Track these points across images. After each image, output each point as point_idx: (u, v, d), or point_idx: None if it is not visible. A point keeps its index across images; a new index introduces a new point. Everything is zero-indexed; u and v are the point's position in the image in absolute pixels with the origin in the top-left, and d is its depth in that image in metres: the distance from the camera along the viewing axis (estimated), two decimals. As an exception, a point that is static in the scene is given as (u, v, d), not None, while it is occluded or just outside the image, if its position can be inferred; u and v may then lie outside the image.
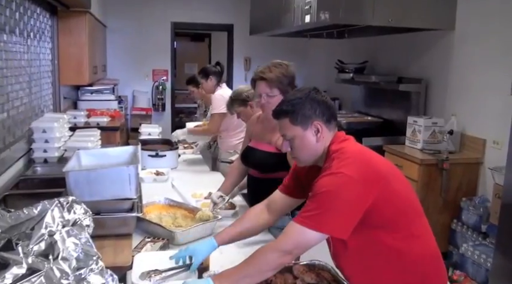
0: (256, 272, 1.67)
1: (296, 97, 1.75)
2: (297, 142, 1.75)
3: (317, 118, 1.73)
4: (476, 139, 4.07)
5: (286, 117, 1.74)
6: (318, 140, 1.74)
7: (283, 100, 1.82)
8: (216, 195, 2.68)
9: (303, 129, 1.73)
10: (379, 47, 5.86)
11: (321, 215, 1.59)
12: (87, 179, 2.09)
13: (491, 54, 3.97)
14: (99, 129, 4.26)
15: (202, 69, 4.58)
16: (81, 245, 1.39)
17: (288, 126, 1.75)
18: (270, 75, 2.50)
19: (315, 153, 1.77)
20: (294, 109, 1.72)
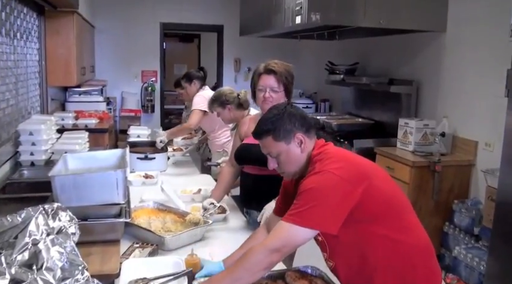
0: (247, 274, 1.67)
1: (274, 115, 1.80)
2: (283, 157, 1.80)
3: (298, 130, 1.79)
4: (468, 141, 4.06)
5: (269, 135, 1.78)
6: (302, 151, 1.80)
7: (261, 120, 1.85)
8: (207, 201, 2.63)
9: (287, 143, 1.78)
10: (370, 49, 5.84)
11: (307, 211, 1.63)
12: (73, 184, 2.03)
13: (483, 56, 3.96)
14: (88, 131, 4.20)
15: (186, 74, 4.64)
16: (66, 254, 1.34)
17: (272, 144, 1.79)
18: (280, 69, 2.50)
19: (301, 163, 1.82)
20: (275, 126, 1.77)
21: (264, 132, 1.80)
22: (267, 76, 2.51)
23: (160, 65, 7.85)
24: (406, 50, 5.06)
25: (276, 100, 2.50)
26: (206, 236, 2.47)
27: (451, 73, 4.38)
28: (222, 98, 3.34)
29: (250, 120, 2.81)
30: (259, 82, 2.54)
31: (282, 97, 2.54)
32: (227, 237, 2.51)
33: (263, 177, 2.56)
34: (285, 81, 2.51)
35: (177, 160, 4.33)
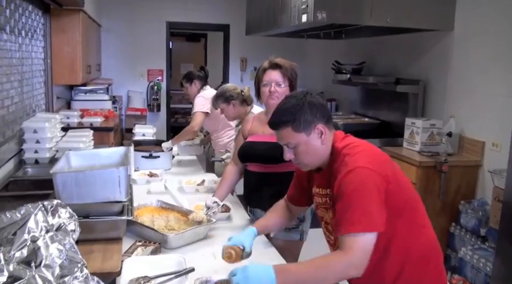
0: (322, 278, 1.61)
1: (293, 104, 1.73)
2: (301, 149, 1.74)
3: (319, 121, 1.73)
4: (475, 142, 4.02)
5: (288, 126, 1.71)
6: (322, 142, 1.74)
7: (279, 109, 1.77)
8: (211, 200, 2.62)
9: (307, 134, 1.72)
10: (376, 48, 5.80)
11: (366, 213, 1.58)
12: (75, 181, 2.02)
13: (491, 55, 3.92)
14: (93, 129, 4.20)
15: (186, 74, 4.59)
16: (66, 252, 1.32)
17: (291, 135, 1.72)
18: (285, 64, 2.51)
19: (321, 155, 1.77)
20: (294, 117, 1.70)
21: (283, 122, 1.72)
22: (272, 71, 2.51)
23: (166, 64, 7.84)
24: (413, 49, 5.02)
25: (281, 95, 2.49)
26: (209, 234, 2.45)
27: (458, 72, 4.33)
28: (227, 94, 3.35)
29: (254, 118, 2.79)
30: (264, 77, 2.53)
31: (287, 92, 2.53)
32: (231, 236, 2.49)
33: (267, 175, 2.55)
34: (289, 76, 2.52)
35: (181, 159, 4.32)
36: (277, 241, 2.48)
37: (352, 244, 1.57)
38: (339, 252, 1.60)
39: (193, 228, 2.35)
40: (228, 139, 4.27)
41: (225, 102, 3.37)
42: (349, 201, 1.60)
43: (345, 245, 1.58)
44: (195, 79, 4.46)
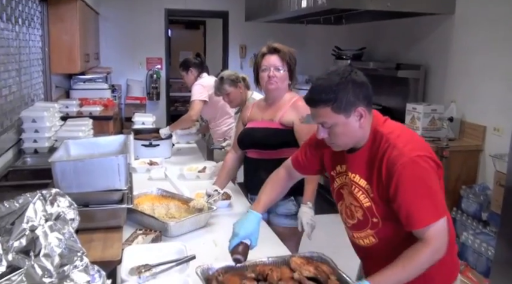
0: (413, 274, 1.58)
1: (337, 83, 1.58)
2: (338, 130, 1.63)
3: (361, 103, 1.61)
4: (476, 126, 3.99)
5: (328, 106, 1.59)
6: (360, 126, 1.64)
7: (319, 85, 1.62)
8: (211, 188, 2.61)
9: (346, 116, 1.61)
10: (377, 33, 5.76)
11: (434, 202, 1.57)
12: (74, 169, 2.00)
13: (492, 38, 3.88)
14: (92, 118, 4.18)
15: (182, 62, 4.52)
16: (65, 241, 1.30)
17: (329, 115, 1.60)
18: (284, 49, 2.49)
19: (357, 138, 1.68)
20: (336, 96, 1.57)
21: (323, 101, 1.59)
22: (271, 55, 2.49)
23: (165, 52, 7.80)
24: (413, 34, 4.98)
25: (280, 80, 2.48)
26: (210, 222, 2.44)
27: (459, 57, 4.30)
28: (233, 76, 3.31)
29: (254, 105, 2.77)
30: (262, 62, 2.51)
31: (286, 78, 2.52)
32: (231, 223, 2.46)
33: (266, 161, 2.53)
34: (288, 61, 2.50)
35: (182, 147, 4.30)
36: (278, 228, 2.47)
37: (430, 234, 1.56)
38: (420, 245, 1.57)
39: (194, 216, 2.35)
40: (227, 128, 4.25)
41: (232, 84, 3.31)
42: (417, 193, 1.57)
43: (424, 237, 1.57)
44: (191, 67, 4.39)
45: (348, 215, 1.80)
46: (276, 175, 2.06)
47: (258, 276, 1.72)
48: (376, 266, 1.72)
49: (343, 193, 1.80)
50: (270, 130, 2.51)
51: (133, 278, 1.65)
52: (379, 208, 1.66)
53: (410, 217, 1.58)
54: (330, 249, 3.67)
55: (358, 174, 1.70)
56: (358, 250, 1.90)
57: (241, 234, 1.81)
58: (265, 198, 1.98)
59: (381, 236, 1.73)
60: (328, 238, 4.46)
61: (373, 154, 1.66)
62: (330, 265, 1.81)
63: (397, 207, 1.59)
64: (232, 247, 1.80)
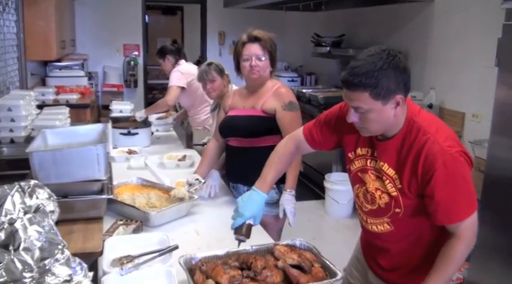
0: (454, 270, 1.63)
1: (379, 67, 1.48)
2: (372, 116, 1.55)
3: (400, 91, 1.53)
4: (455, 113, 4.04)
5: (366, 91, 1.49)
6: (395, 114, 1.56)
7: (360, 68, 1.49)
8: (192, 177, 2.58)
9: (383, 103, 1.52)
10: (356, 20, 5.76)
11: (470, 198, 1.59)
12: (53, 160, 1.95)
13: (471, 26, 3.91)
14: (69, 106, 4.10)
15: (159, 49, 4.44)
16: (45, 234, 1.27)
17: (366, 100, 1.51)
18: (264, 37, 2.45)
19: (390, 126, 1.61)
20: (377, 82, 1.48)
21: (362, 85, 1.49)
22: (251, 44, 2.45)
23: (142, 38, 7.67)
24: (393, 21, 4.99)
25: (262, 69, 2.46)
26: (192, 211, 2.43)
27: (438, 44, 4.32)
28: (221, 66, 3.27)
29: (235, 93, 2.74)
30: (243, 51, 2.47)
31: (268, 66, 2.49)
32: (213, 212, 2.47)
33: (247, 149, 2.52)
34: (269, 49, 2.47)
35: (161, 135, 4.25)
36: (261, 216, 2.46)
37: (464, 227, 1.58)
38: (455, 241, 1.60)
39: (176, 205, 2.33)
40: (205, 116, 4.20)
41: (219, 73, 3.26)
42: (454, 191, 1.56)
43: (458, 231, 1.59)
44: (168, 55, 4.33)
45: (368, 200, 1.74)
46: (284, 148, 1.96)
47: (242, 265, 1.71)
48: (383, 252, 1.79)
49: (364, 177, 1.75)
50: (252, 118, 2.49)
51: (116, 270, 1.62)
52: (405, 199, 1.63)
53: (448, 213, 1.58)
54: (310, 235, 3.73)
55: (387, 163, 1.65)
56: (367, 234, 1.88)
57: (247, 215, 1.80)
58: (271, 176, 1.91)
59: (396, 225, 1.71)
60: (308, 224, 4.50)
61: (408, 145, 1.60)
62: (313, 252, 1.82)
63: (433, 202, 1.57)
64: (236, 227, 1.80)
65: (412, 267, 1.75)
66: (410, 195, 1.61)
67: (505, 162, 2.52)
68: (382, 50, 1.53)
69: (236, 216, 1.82)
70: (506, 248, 2.56)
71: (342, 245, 2.44)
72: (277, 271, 1.67)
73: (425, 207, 1.61)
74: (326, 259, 1.76)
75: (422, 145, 1.55)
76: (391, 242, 1.76)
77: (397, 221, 1.69)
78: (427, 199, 1.58)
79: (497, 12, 3.14)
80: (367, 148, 1.73)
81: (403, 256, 1.76)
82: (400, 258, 1.77)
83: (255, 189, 1.87)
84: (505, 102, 2.50)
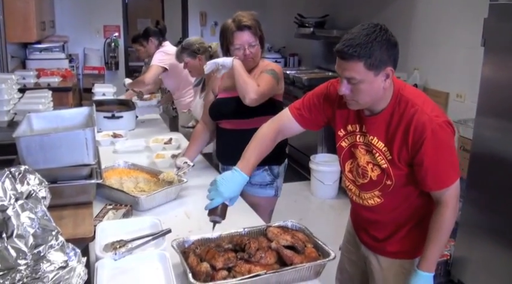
0: (446, 237, 1.75)
1: (373, 39, 1.54)
2: (363, 87, 1.60)
3: (391, 64, 1.60)
4: (439, 93, 4.06)
5: (361, 61, 1.55)
6: (384, 86, 1.63)
7: (354, 39, 1.55)
8: (181, 160, 2.56)
9: (375, 74, 1.58)
10: (339, 0, 5.73)
11: (455, 165, 1.70)
12: (40, 145, 1.91)
13: (454, 6, 3.92)
14: (50, 90, 4.01)
15: (143, 32, 4.43)
16: (38, 220, 1.25)
17: (360, 70, 1.57)
18: (252, 22, 2.41)
19: (378, 98, 1.67)
20: (371, 53, 1.54)
21: (357, 56, 1.54)
22: (242, 33, 2.40)
23: (123, 20, 7.55)
24: (377, 2, 4.98)
25: (256, 54, 2.47)
26: (181, 195, 2.42)
27: (422, 25, 4.33)
28: (194, 47, 3.22)
29: (224, 75, 2.69)
30: (234, 41, 2.41)
31: (259, 50, 2.48)
32: (202, 195, 2.42)
33: (239, 131, 2.50)
34: (259, 33, 2.45)
35: (145, 119, 4.21)
36: (252, 197, 2.46)
37: (449, 195, 1.69)
38: (442, 209, 1.70)
39: (165, 189, 2.31)
40: (190, 99, 4.13)
41: (190, 55, 3.24)
42: (442, 158, 1.65)
43: (444, 198, 1.70)
44: (151, 37, 4.32)
45: (359, 174, 1.81)
46: (267, 130, 1.97)
47: (236, 247, 1.72)
48: (375, 223, 1.89)
49: (355, 152, 1.81)
50: None
51: (109, 255, 1.61)
52: (395, 169, 1.70)
53: (436, 179, 1.68)
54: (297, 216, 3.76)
55: (376, 137, 1.72)
56: (358, 209, 1.94)
57: (226, 195, 1.78)
58: (254, 159, 1.90)
59: (386, 197, 1.79)
60: (295, 205, 4.53)
61: (397, 117, 1.67)
62: (305, 233, 1.85)
63: (423, 169, 1.66)
64: (212, 207, 1.77)
65: (404, 234, 1.85)
66: (400, 165, 1.69)
67: (490, 141, 2.55)
68: (375, 24, 1.59)
69: (215, 196, 1.78)
70: (491, 225, 2.62)
71: (329, 225, 2.48)
72: (271, 252, 1.68)
73: (414, 177, 1.70)
74: (318, 240, 1.79)
75: (411, 116, 1.63)
76: (383, 213, 1.84)
77: (387, 194, 1.77)
78: (417, 167, 1.67)
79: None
80: (356, 124, 1.79)
81: (394, 224, 1.85)
82: (392, 227, 1.86)
83: (238, 169, 1.84)
84: (491, 82, 2.52)
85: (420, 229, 1.80)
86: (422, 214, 1.80)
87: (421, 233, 1.78)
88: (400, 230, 1.85)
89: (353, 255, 2.09)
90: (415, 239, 1.82)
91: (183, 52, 3.27)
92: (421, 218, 1.81)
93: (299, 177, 5.25)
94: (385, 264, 1.91)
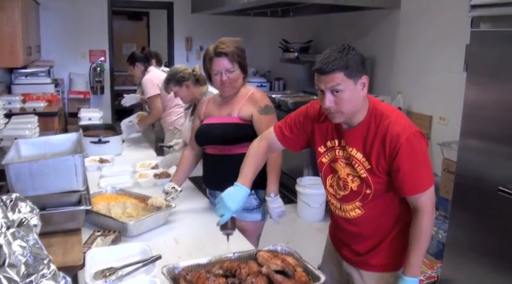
0: (427, 242, 1.84)
1: (346, 53, 1.72)
2: (346, 95, 1.74)
3: (365, 73, 1.77)
4: (422, 116, 4.13)
5: (342, 72, 1.70)
6: (363, 94, 1.78)
7: (329, 55, 1.72)
8: (169, 185, 2.56)
9: (354, 82, 1.73)
10: (323, 26, 5.83)
11: (429, 171, 1.81)
12: (29, 171, 1.91)
13: (436, 32, 4.02)
14: (36, 114, 4.01)
15: (129, 57, 4.65)
16: (30, 248, 1.25)
17: (342, 80, 1.71)
18: (230, 49, 2.43)
19: (358, 108, 1.80)
20: (348, 64, 1.70)
21: (337, 68, 1.70)
22: (219, 59, 2.44)
23: (109, 44, 7.57)
24: (360, 27, 5.08)
25: (233, 80, 2.47)
26: (169, 220, 2.41)
27: (404, 50, 4.42)
28: (178, 75, 3.24)
29: (209, 101, 2.73)
30: (212, 66, 2.46)
31: (239, 75, 2.49)
32: (191, 220, 2.47)
33: (225, 157, 2.52)
34: (238, 59, 2.45)
35: (132, 144, 4.20)
36: (239, 222, 2.44)
37: (425, 199, 1.80)
38: (420, 215, 1.80)
39: (153, 214, 2.31)
40: (176, 116, 4.30)
41: (177, 84, 3.25)
42: (417, 163, 1.77)
43: (421, 203, 1.80)
44: (137, 62, 4.52)
45: (340, 187, 1.91)
46: (258, 147, 2.10)
47: (226, 272, 1.71)
48: (357, 237, 1.96)
49: (335, 166, 1.92)
50: (229, 125, 2.49)
51: (99, 283, 1.60)
52: (374, 177, 1.81)
53: (413, 184, 1.78)
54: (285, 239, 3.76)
55: (355, 148, 1.83)
56: (341, 223, 2.00)
57: (234, 209, 1.90)
58: (251, 174, 2.03)
59: (367, 207, 1.88)
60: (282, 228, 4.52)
61: (373, 128, 1.80)
62: (295, 257, 1.84)
63: (399, 175, 1.77)
64: (224, 222, 1.89)
65: (385, 246, 1.93)
66: (379, 174, 1.80)
67: (474, 163, 2.59)
68: (343, 44, 1.77)
69: (224, 211, 1.90)
70: (478, 246, 2.64)
71: (316, 248, 2.48)
72: (262, 277, 1.68)
73: (392, 183, 1.81)
74: (308, 263, 1.78)
75: (386, 127, 1.77)
76: (365, 225, 1.92)
77: (368, 204, 1.87)
78: (394, 173, 1.78)
79: (462, 20, 3.24)
80: (335, 140, 1.91)
81: (376, 236, 1.93)
82: (374, 239, 1.94)
83: (239, 184, 1.96)
84: (473, 106, 2.57)
85: (401, 240, 1.90)
86: (402, 224, 1.90)
87: (402, 245, 1.88)
88: (381, 243, 1.93)
89: (335, 273, 2.13)
90: (397, 251, 1.92)
91: (169, 83, 3.30)
92: (401, 229, 1.91)
93: (285, 200, 5.22)
94: (368, 279, 1.97)
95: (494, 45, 2.42)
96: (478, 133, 2.57)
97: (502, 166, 2.42)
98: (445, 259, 2.88)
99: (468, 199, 2.65)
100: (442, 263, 3.06)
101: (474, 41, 2.50)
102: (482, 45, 2.49)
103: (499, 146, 2.44)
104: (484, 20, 2.44)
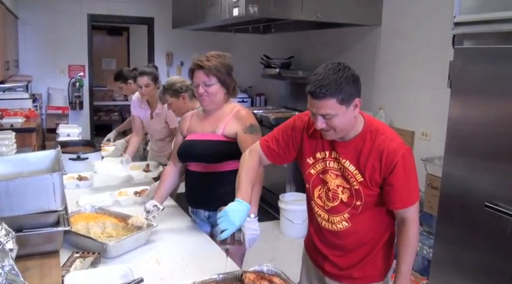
0: (416, 249, 1.93)
1: (340, 77, 1.72)
2: (337, 120, 1.76)
3: (358, 95, 1.78)
4: (404, 132, 4.14)
5: (334, 98, 1.72)
6: (355, 115, 1.81)
7: (323, 80, 1.71)
8: (150, 203, 2.49)
9: (347, 107, 1.75)
10: (305, 42, 5.85)
11: (417, 186, 1.89)
12: (5, 191, 1.83)
13: (417, 49, 4.05)
14: (14, 130, 3.92)
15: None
16: (5, 275, 1.19)
17: (333, 106, 1.73)
18: (208, 63, 2.41)
19: (351, 127, 1.84)
20: (341, 90, 1.71)
21: (330, 94, 1.70)
22: (197, 71, 2.43)
23: (88, 59, 7.50)
24: (341, 44, 5.10)
25: (212, 94, 2.44)
26: (151, 239, 2.34)
27: (386, 66, 4.45)
28: (176, 86, 3.19)
29: (192, 116, 2.68)
30: (193, 79, 2.46)
31: (219, 89, 2.46)
32: (173, 239, 2.40)
33: (208, 174, 2.47)
34: (216, 73, 2.42)
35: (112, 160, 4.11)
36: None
37: (411, 212, 1.88)
38: (407, 226, 1.88)
39: (134, 234, 2.24)
40: None
41: (174, 95, 3.19)
42: (409, 179, 1.83)
43: (408, 216, 1.88)
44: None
45: (329, 198, 1.94)
46: (250, 160, 2.09)
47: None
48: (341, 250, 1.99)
49: (325, 177, 1.94)
50: (213, 142, 2.45)
51: (78, 308, 1.54)
52: (366, 190, 1.85)
53: (403, 198, 1.85)
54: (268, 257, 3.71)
55: (348, 160, 1.86)
56: (326, 235, 2.01)
57: (238, 224, 1.86)
58: (250, 188, 2.02)
59: (354, 221, 1.91)
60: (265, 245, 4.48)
61: (369, 143, 1.83)
62: (282, 278, 1.82)
63: (393, 189, 1.83)
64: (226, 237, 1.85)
65: (369, 259, 1.97)
66: (371, 187, 1.84)
67: (459, 179, 2.58)
68: (338, 63, 1.77)
69: (228, 226, 1.84)
70: (464, 262, 2.63)
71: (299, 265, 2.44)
72: (248, 300, 1.64)
73: (383, 196, 1.86)
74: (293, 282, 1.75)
75: (382, 143, 1.81)
76: (350, 238, 1.95)
77: (356, 216, 1.91)
78: (387, 187, 1.83)
79: (443, 37, 3.26)
80: (325, 151, 1.93)
81: (360, 249, 1.97)
82: (358, 252, 1.97)
83: (240, 199, 1.93)
84: (458, 122, 2.57)
85: (385, 252, 1.98)
86: (386, 238, 1.98)
87: (385, 257, 1.98)
88: (366, 256, 1.97)
89: None
90: (380, 263, 1.98)
91: (166, 93, 3.23)
92: (385, 242, 1.98)
93: (268, 217, 5.21)
94: None
95: (479, 62, 2.43)
96: (463, 149, 2.57)
97: (488, 182, 2.41)
98: (432, 276, 2.85)
99: (454, 215, 2.64)
100: (428, 280, 3.04)
101: (458, 58, 2.51)
102: (466, 62, 2.49)
103: (484, 162, 2.44)
104: (468, 37, 2.44)
